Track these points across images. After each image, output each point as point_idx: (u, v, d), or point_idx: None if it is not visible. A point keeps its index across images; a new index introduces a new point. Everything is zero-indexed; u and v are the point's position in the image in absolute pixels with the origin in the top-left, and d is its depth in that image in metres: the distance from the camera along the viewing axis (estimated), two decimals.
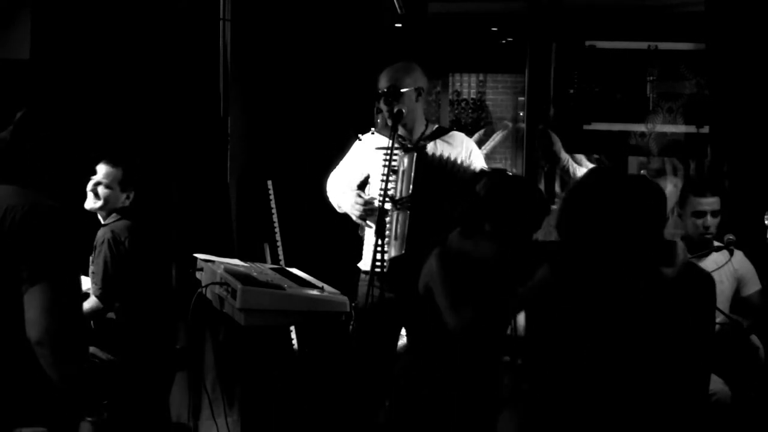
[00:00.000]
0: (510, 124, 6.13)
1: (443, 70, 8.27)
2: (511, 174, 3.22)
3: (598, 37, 5.57)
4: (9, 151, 2.44)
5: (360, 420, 3.78)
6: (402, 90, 3.64)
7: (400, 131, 3.70)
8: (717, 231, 4.01)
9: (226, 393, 4.02)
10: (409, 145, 3.63)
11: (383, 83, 3.69)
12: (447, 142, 3.73)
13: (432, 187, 3.58)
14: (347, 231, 3.83)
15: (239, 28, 4.55)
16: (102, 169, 3.71)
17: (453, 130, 3.89)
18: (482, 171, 3.30)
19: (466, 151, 3.75)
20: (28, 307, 2.25)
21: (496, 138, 5.94)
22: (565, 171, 5.64)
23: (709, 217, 3.93)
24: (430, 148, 3.67)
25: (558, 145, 5.55)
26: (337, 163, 3.89)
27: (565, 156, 5.53)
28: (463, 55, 7.62)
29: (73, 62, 4.02)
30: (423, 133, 3.73)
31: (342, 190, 3.79)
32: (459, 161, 3.67)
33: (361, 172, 3.80)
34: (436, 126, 3.81)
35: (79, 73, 4.02)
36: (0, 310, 2.28)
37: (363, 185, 3.81)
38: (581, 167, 5.63)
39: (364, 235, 3.77)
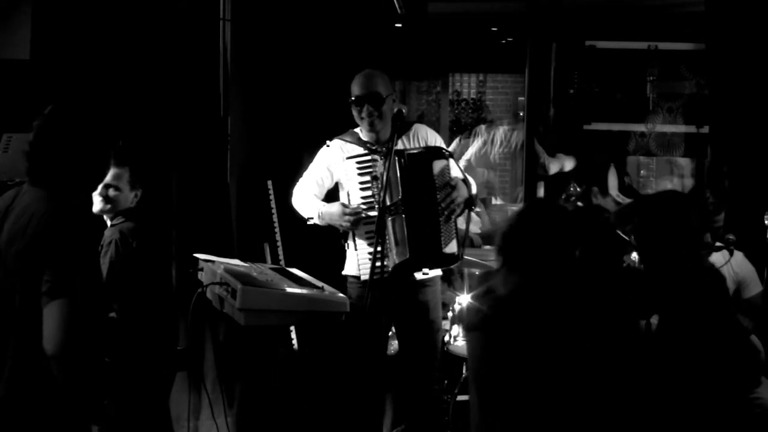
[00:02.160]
0: (483, 127, 6.12)
1: (443, 70, 8.28)
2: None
3: (598, 37, 5.57)
4: (36, 152, 2.44)
5: (358, 420, 3.78)
6: (384, 96, 3.67)
7: (368, 137, 3.71)
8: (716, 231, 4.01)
9: (226, 393, 4.01)
10: (380, 149, 3.62)
11: (361, 90, 3.68)
12: (410, 137, 3.76)
13: (420, 186, 3.57)
14: (339, 231, 3.83)
15: (239, 28, 4.55)
16: (109, 171, 3.69)
17: (414, 123, 3.90)
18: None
19: (431, 140, 3.77)
20: (47, 321, 2.28)
21: (473, 148, 5.93)
22: (541, 165, 5.65)
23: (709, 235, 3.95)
24: (399, 146, 3.68)
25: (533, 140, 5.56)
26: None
27: (539, 148, 5.54)
28: (463, 55, 7.62)
29: (73, 62, 4.01)
30: (391, 133, 3.74)
31: (316, 202, 3.79)
32: (431, 149, 3.68)
33: (331, 181, 3.80)
34: (399, 123, 3.81)
35: (79, 73, 4.01)
36: (20, 315, 2.32)
37: (332, 194, 3.82)
38: (553, 161, 5.64)
39: (348, 243, 3.75)
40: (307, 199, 3.82)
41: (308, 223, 3.82)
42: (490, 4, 6.26)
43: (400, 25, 5.61)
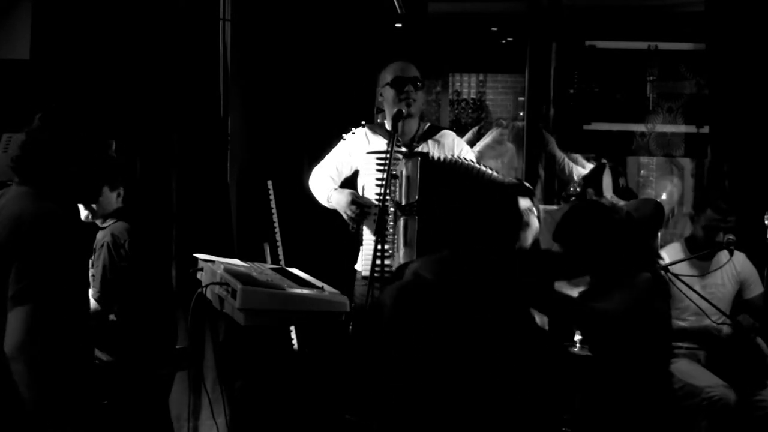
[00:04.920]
0: (504, 122, 6.10)
1: (443, 70, 8.28)
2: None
3: (598, 37, 5.57)
4: (26, 151, 2.42)
5: (357, 420, 3.78)
6: (422, 82, 3.67)
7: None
8: None
9: (226, 393, 4.01)
10: (404, 149, 3.60)
11: (403, 72, 3.67)
12: (438, 141, 3.73)
13: (439, 192, 3.54)
14: (347, 231, 3.82)
15: (239, 28, 4.55)
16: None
17: (442, 128, 3.88)
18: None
19: (457, 149, 3.74)
20: (10, 325, 2.23)
21: (486, 139, 5.92)
22: (561, 170, 5.64)
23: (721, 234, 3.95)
24: (424, 149, 3.66)
25: (552, 144, 5.55)
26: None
27: (560, 155, 5.53)
28: (463, 55, 7.63)
29: (73, 62, 4.01)
30: (417, 133, 3.72)
31: (331, 185, 3.77)
32: (459, 163, 3.65)
33: (350, 168, 3.79)
34: (428, 125, 3.79)
35: (79, 73, 4.01)
36: None
37: (349, 182, 3.80)
38: (577, 166, 5.63)
39: (361, 233, 3.74)
40: (321, 183, 3.80)
41: (327, 205, 3.80)
42: (490, 4, 6.27)
43: (400, 25, 5.61)
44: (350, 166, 3.78)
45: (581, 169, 5.59)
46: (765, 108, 4.62)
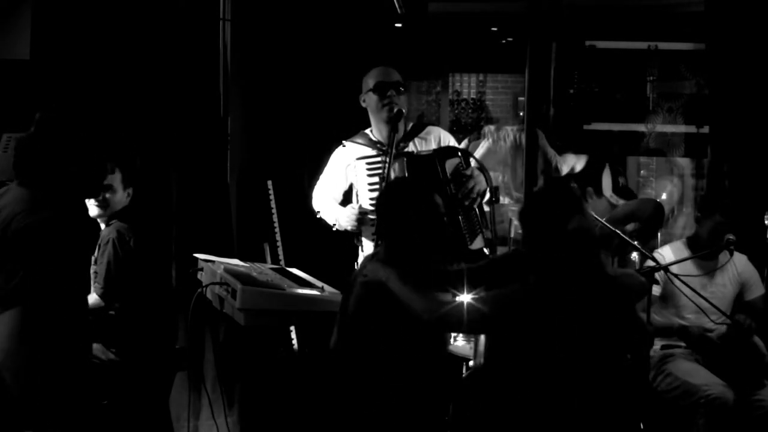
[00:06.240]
0: (492, 127, 6.10)
1: (443, 70, 8.27)
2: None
3: (598, 37, 5.57)
4: (27, 152, 2.41)
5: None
6: (404, 86, 3.67)
7: (379, 136, 3.69)
8: None
9: (226, 393, 4.02)
10: (390, 150, 3.61)
11: (384, 77, 3.67)
12: (423, 139, 3.73)
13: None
14: (347, 231, 3.83)
15: (239, 28, 4.55)
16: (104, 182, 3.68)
17: (427, 125, 3.88)
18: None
19: (445, 143, 3.75)
20: None
21: (481, 149, 5.90)
22: (554, 168, 5.63)
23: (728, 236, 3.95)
24: (410, 148, 3.67)
25: (543, 140, 5.54)
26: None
27: (551, 151, 5.53)
28: (463, 55, 7.62)
29: (73, 62, 4.02)
30: (403, 134, 3.73)
31: (332, 205, 3.77)
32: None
33: (346, 182, 3.79)
34: (412, 124, 3.79)
35: (79, 73, 4.01)
36: None
37: (348, 195, 3.80)
38: (566, 157, 5.62)
39: (360, 244, 3.75)
40: (326, 205, 3.79)
41: (333, 229, 3.80)
42: (490, 4, 6.25)
43: (400, 25, 5.61)
44: (345, 179, 3.79)
45: (570, 157, 5.57)
46: (765, 108, 4.62)
